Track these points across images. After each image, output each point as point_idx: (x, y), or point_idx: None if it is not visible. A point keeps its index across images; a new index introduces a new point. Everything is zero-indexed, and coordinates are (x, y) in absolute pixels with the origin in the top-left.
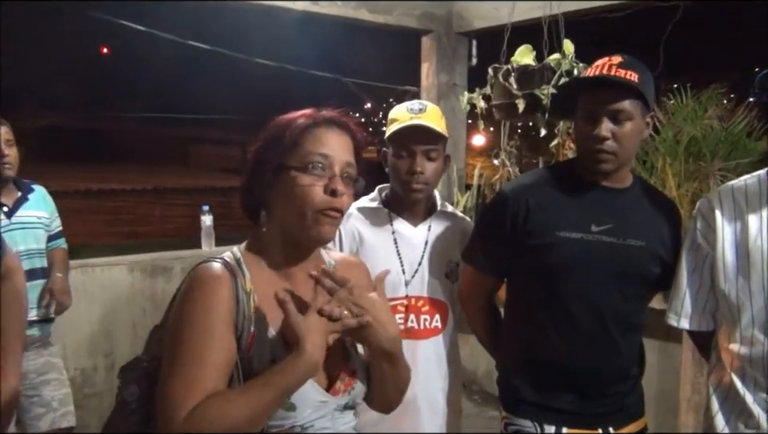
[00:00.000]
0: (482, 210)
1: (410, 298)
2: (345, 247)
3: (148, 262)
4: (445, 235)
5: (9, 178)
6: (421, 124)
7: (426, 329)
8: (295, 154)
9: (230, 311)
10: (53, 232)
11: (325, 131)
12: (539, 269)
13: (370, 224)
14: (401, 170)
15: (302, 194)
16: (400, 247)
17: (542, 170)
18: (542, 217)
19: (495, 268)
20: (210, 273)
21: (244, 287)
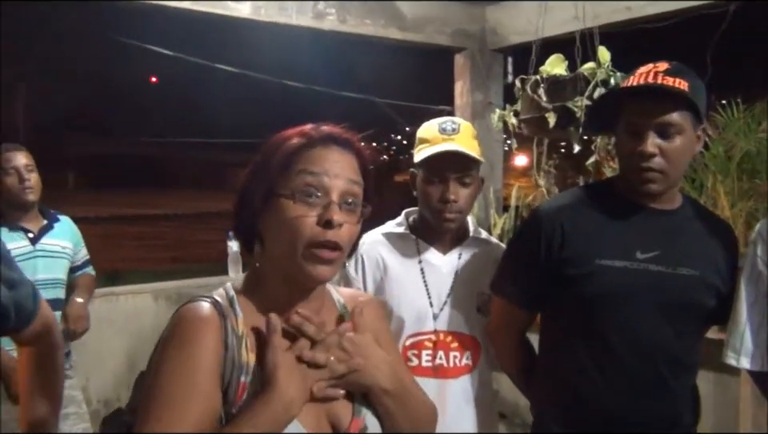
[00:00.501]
0: (513, 236)
1: (438, 333)
2: (368, 275)
3: (173, 290)
4: (477, 265)
5: (32, 202)
6: (455, 150)
7: (455, 367)
8: (285, 179)
9: (216, 359)
10: (79, 262)
11: (321, 151)
12: (577, 302)
13: (396, 251)
14: (432, 197)
15: (290, 226)
16: (427, 277)
17: (578, 191)
18: (579, 243)
19: (528, 300)
20: (195, 314)
21: (235, 330)
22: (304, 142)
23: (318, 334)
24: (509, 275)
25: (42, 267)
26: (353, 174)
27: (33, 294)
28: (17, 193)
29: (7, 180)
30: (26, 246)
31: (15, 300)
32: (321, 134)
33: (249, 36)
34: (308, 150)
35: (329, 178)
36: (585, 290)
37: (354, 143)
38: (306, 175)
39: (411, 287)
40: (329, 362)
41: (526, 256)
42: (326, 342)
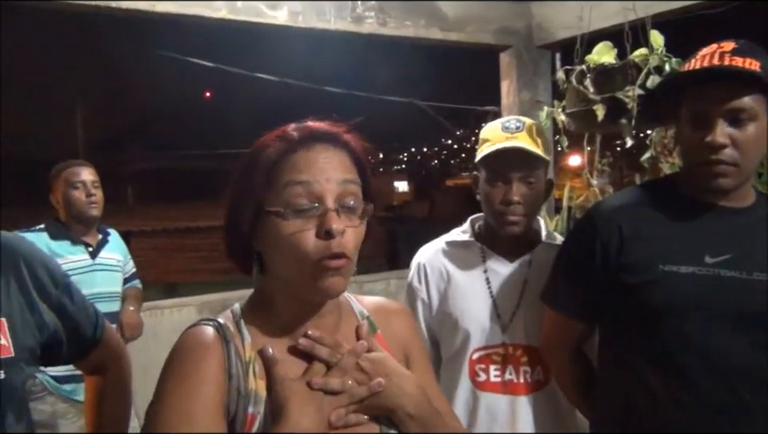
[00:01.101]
0: (566, 241)
1: (507, 346)
2: (431, 285)
3: (217, 302)
4: (547, 272)
5: (95, 218)
6: (517, 146)
7: (526, 383)
8: (272, 193)
9: (218, 390)
10: (128, 274)
11: (306, 155)
12: (640, 313)
13: (460, 260)
14: (494, 198)
15: (289, 245)
16: (493, 287)
17: (636, 189)
18: (640, 247)
19: (583, 312)
20: (195, 341)
21: (241, 356)
22: (284, 148)
23: (333, 356)
24: (561, 284)
25: (101, 280)
26: (346, 172)
27: (95, 321)
28: (82, 208)
29: (74, 194)
30: (86, 259)
31: (69, 329)
32: (301, 135)
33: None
34: (290, 156)
35: (320, 184)
36: (648, 299)
37: (341, 137)
38: (293, 187)
39: (476, 298)
40: (346, 386)
41: (579, 263)
42: (342, 364)
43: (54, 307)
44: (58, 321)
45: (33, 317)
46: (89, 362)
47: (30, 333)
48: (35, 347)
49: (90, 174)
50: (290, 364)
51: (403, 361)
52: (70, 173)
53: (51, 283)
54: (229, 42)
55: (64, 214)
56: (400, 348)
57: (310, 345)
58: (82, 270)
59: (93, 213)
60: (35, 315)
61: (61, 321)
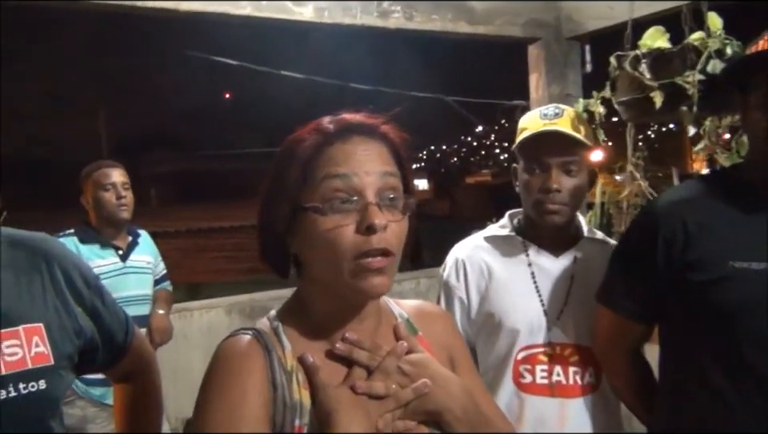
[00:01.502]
0: (623, 238)
1: (554, 345)
2: (471, 283)
3: (246, 303)
4: (596, 268)
5: (126, 220)
6: (555, 130)
7: (576, 385)
8: (309, 189)
9: (263, 403)
10: (158, 276)
11: (343, 147)
12: (708, 313)
13: (501, 255)
14: (533, 188)
15: (327, 242)
16: (539, 283)
17: (697, 182)
18: (707, 243)
19: (644, 312)
20: (235, 352)
21: (283, 365)
22: (320, 141)
23: (372, 360)
24: (619, 283)
25: (132, 283)
26: (386, 164)
27: (126, 327)
28: (113, 210)
29: (104, 196)
30: (116, 262)
31: (103, 334)
32: (338, 127)
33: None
34: (327, 149)
35: (359, 177)
36: (716, 298)
37: (379, 129)
38: (331, 180)
39: (522, 294)
40: (390, 390)
41: (640, 261)
42: (383, 367)
43: (89, 310)
44: (93, 326)
45: (70, 322)
46: (118, 369)
47: (68, 339)
48: (73, 354)
49: (121, 175)
50: (331, 370)
51: (448, 364)
52: (100, 174)
53: (84, 284)
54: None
55: (94, 216)
56: (444, 351)
57: (348, 349)
58: (113, 273)
59: (123, 215)
60: (72, 320)
61: (96, 326)
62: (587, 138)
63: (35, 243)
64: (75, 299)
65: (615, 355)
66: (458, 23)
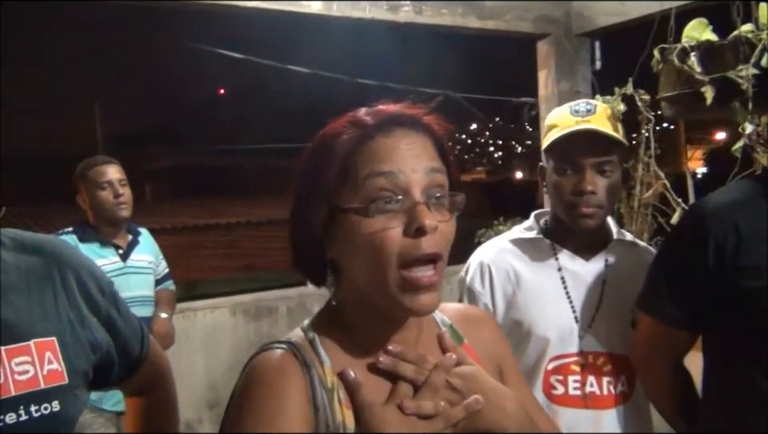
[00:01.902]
0: (668, 241)
1: (586, 354)
2: (497, 289)
3: (251, 303)
4: (628, 272)
5: (125, 219)
6: (590, 129)
7: (610, 395)
8: (349, 187)
9: (305, 425)
10: (160, 275)
11: (385, 142)
12: (760, 323)
13: (529, 260)
14: (565, 189)
15: (371, 246)
16: (570, 289)
17: (749, 182)
18: (761, 248)
19: (690, 320)
20: (271, 368)
21: (324, 383)
22: (360, 135)
23: (419, 374)
24: (664, 289)
25: (134, 283)
26: (431, 160)
27: (141, 336)
28: (110, 209)
29: (101, 195)
30: (117, 261)
31: (119, 346)
32: (378, 119)
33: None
34: (368, 144)
35: (405, 175)
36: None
37: (422, 120)
38: (375, 178)
39: (552, 301)
40: (440, 408)
41: (687, 266)
42: (430, 383)
43: (104, 321)
44: (109, 338)
45: (85, 334)
46: (133, 383)
47: (83, 354)
48: (88, 370)
49: (117, 171)
50: (372, 386)
51: (496, 374)
52: (95, 173)
53: (99, 292)
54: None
55: (92, 215)
56: (491, 360)
57: (392, 363)
58: (113, 273)
59: (123, 214)
60: (87, 332)
61: (112, 337)
62: (621, 135)
63: (45, 247)
64: (90, 308)
65: (656, 365)
66: (468, 18)
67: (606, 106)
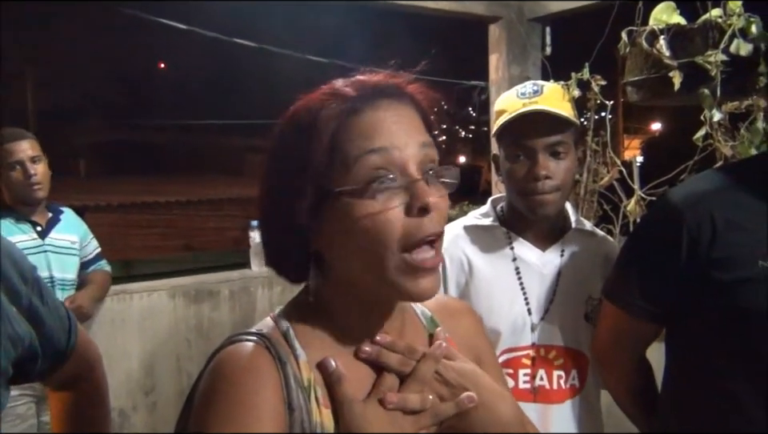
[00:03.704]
0: (638, 230)
1: (539, 347)
2: (450, 279)
3: (191, 286)
4: (584, 263)
5: (40, 199)
6: (539, 109)
7: (560, 389)
8: (338, 168)
9: (278, 428)
10: (89, 256)
11: (374, 115)
12: (732, 316)
13: (483, 248)
14: (518, 176)
15: (371, 230)
16: (524, 279)
17: (720, 173)
18: (736, 240)
19: (657, 312)
20: (240, 365)
21: (299, 380)
22: (344, 109)
23: (406, 364)
24: (633, 280)
25: (54, 264)
26: (421, 132)
27: (69, 326)
28: (22, 189)
29: (11, 176)
30: (34, 239)
31: (44, 339)
32: (361, 90)
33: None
34: (354, 119)
35: (399, 150)
36: (743, 300)
37: (407, 90)
38: (368, 157)
39: (505, 292)
40: (428, 403)
41: (659, 256)
42: (418, 374)
43: (26, 311)
44: (32, 329)
45: (3, 329)
46: (58, 377)
47: (1, 351)
48: (8, 368)
49: (29, 148)
50: (355, 381)
51: None
52: (4, 151)
53: (20, 279)
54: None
55: (6, 195)
56: (471, 354)
57: (376, 353)
58: (30, 251)
59: (36, 195)
60: (6, 326)
61: (35, 329)
62: (573, 114)
63: None
64: (10, 298)
65: (619, 357)
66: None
67: (555, 85)
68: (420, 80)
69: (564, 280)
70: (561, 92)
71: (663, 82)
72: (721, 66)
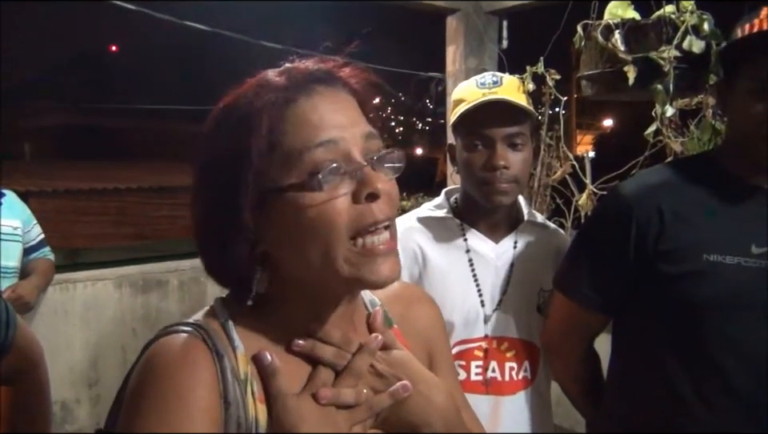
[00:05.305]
0: (589, 222)
1: (491, 339)
2: (403, 270)
3: (138, 275)
4: (536, 255)
5: None
6: (499, 99)
7: (512, 381)
8: (279, 164)
9: (213, 425)
10: (32, 243)
11: (310, 103)
12: (676, 308)
13: (436, 240)
14: (476, 165)
15: (318, 222)
16: (478, 271)
17: (671, 167)
18: (683, 233)
19: (605, 303)
20: (174, 356)
21: (236, 374)
22: (279, 101)
23: (341, 357)
24: (583, 271)
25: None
26: (360, 118)
27: (7, 319)
28: None
29: None
30: None
31: None
32: (294, 80)
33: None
34: (291, 111)
35: (342, 139)
36: (688, 293)
37: (339, 75)
38: (313, 151)
39: (458, 284)
40: (362, 397)
41: (608, 248)
42: (353, 368)
43: None
44: None
45: None
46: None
47: None
48: None
49: None
50: (294, 375)
51: (426, 361)
52: None
53: None
54: None
55: None
56: (423, 345)
57: (310, 346)
58: None
59: None
60: None
61: None
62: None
63: None
64: None
65: (568, 348)
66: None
67: (513, 78)
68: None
69: (517, 272)
70: (518, 84)
71: (617, 76)
72: (674, 62)
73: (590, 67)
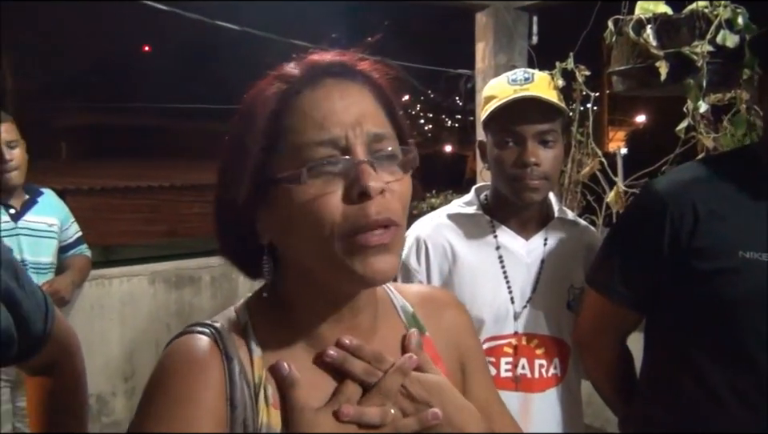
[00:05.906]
0: (622, 218)
1: (521, 336)
2: (433, 266)
3: (172, 272)
4: (567, 252)
5: (16, 186)
6: (530, 96)
7: (542, 378)
8: (278, 154)
9: (217, 425)
10: (70, 240)
11: (314, 95)
12: (711, 306)
13: (467, 236)
14: (507, 162)
15: (308, 217)
16: (508, 268)
17: (706, 162)
18: (718, 230)
19: (639, 300)
20: (185, 357)
21: (247, 377)
22: (284, 91)
23: (372, 374)
24: (616, 268)
25: (28, 247)
26: (371, 111)
27: (45, 310)
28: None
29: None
30: (6, 222)
31: (20, 323)
32: (305, 71)
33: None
34: (294, 103)
35: (342, 131)
36: (723, 290)
37: (356, 67)
38: (313, 148)
39: (488, 280)
40: (388, 417)
41: (642, 245)
42: (382, 386)
43: (2, 295)
44: (8, 313)
45: None
46: (36, 362)
47: None
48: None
49: (4, 131)
50: (315, 385)
51: (457, 370)
52: None
53: None
54: None
55: None
56: (455, 354)
57: (341, 357)
58: (2, 234)
59: (12, 182)
60: None
61: (11, 313)
62: (562, 103)
63: None
64: None
65: (601, 345)
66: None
67: (544, 74)
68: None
69: (547, 269)
70: (549, 81)
71: (649, 71)
72: (707, 57)
73: (621, 63)
